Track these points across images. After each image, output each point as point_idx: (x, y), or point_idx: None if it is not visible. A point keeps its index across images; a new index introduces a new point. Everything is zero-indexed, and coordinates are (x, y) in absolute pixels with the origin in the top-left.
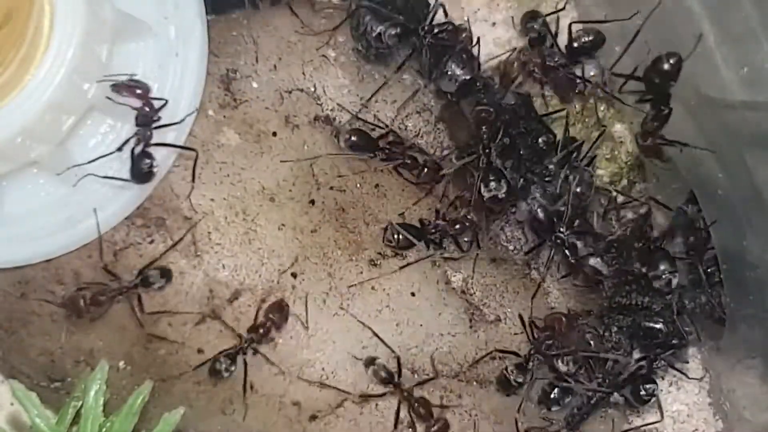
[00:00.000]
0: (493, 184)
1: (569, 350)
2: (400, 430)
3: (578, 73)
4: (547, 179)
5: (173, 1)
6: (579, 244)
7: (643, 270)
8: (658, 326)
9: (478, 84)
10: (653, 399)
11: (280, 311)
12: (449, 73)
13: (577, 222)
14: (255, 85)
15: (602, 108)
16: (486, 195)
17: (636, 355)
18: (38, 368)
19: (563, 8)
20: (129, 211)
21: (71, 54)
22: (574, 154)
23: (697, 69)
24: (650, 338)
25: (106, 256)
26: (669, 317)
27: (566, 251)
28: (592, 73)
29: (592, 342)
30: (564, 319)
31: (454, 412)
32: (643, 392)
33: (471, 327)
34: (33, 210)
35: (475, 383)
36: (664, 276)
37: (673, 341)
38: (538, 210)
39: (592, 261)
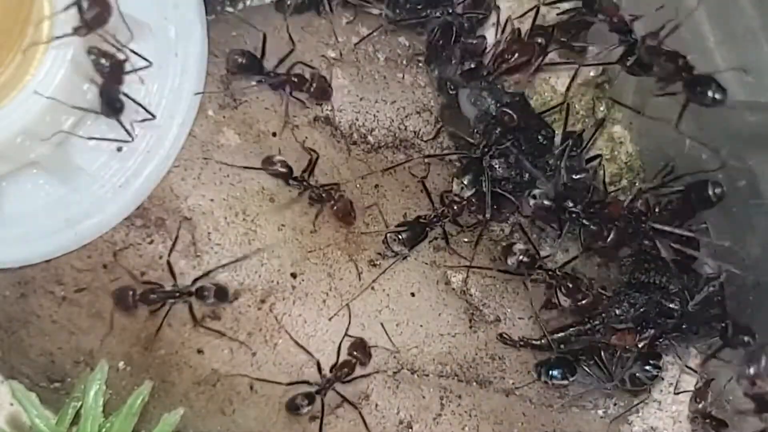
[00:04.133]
0: (464, 182)
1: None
2: (400, 430)
3: None
4: (549, 173)
5: (173, 1)
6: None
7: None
8: (673, 306)
9: (483, 73)
10: (660, 373)
11: (362, 349)
12: (456, 58)
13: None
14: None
15: (602, 108)
16: (455, 188)
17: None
18: (38, 368)
19: None
20: (129, 211)
21: (71, 54)
22: (575, 145)
23: (697, 69)
24: (663, 317)
25: (106, 257)
26: (684, 300)
27: (585, 223)
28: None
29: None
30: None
31: (454, 413)
32: (649, 367)
33: (471, 327)
34: (32, 210)
35: (474, 383)
36: None
37: (684, 325)
38: (543, 200)
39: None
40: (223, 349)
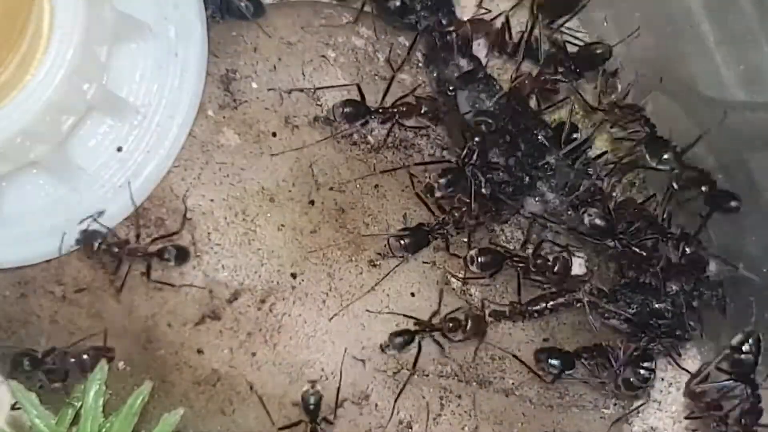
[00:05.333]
0: (439, 183)
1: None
2: (400, 430)
3: None
4: (549, 173)
5: (173, 1)
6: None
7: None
8: (667, 308)
9: (480, 75)
10: (652, 377)
11: (478, 321)
12: (455, 60)
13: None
14: (255, 85)
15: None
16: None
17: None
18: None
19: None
20: (129, 211)
21: (71, 54)
22: (583, 147)
23: (697, 69)
24: (656, 319)
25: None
26: (679, 304)
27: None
28: None
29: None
30: None
31: (454, 413)
32: (642, 371)
33: None
34: (32, 210)
35: (474, 383)
36: None
37: (677, 331)
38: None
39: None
40: (223, 349)
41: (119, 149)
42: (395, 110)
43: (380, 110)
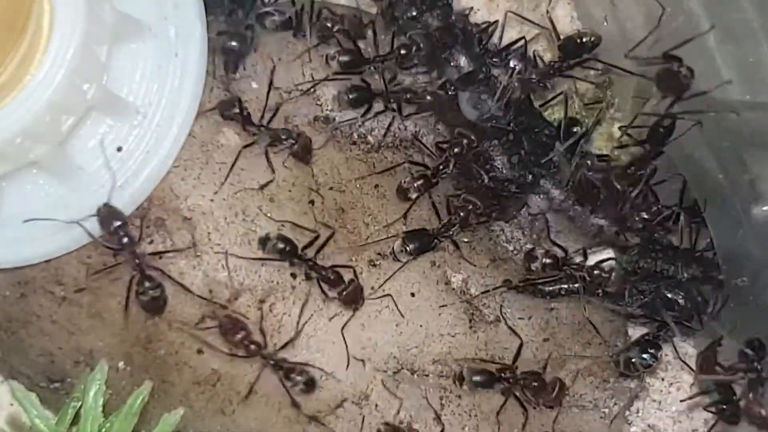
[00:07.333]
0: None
1: None
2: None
3: None
4: (553, 171)
5: (173, 1)
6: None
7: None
8: (677, 298)
9: (481, 76)
10: (655, 362)
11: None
12: (455, 61)
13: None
14: (255, 85)
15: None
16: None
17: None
18: (38, 369)
19: None
20: (129, 211)
21: (71, 54)
22: (582, 140)
23: (697, 69)
24: (666, 308)
25: (106, 257)
26: (689, 293)
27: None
28: None
29: None
30: None
31: (454, 413)
32: (646, 355)
33: (471, 327)
34: (32, 210)
35: None
36: None
37: (685, 321)
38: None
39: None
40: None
41: (119, 149)
42: (400, 95)
43: (385, 92)
